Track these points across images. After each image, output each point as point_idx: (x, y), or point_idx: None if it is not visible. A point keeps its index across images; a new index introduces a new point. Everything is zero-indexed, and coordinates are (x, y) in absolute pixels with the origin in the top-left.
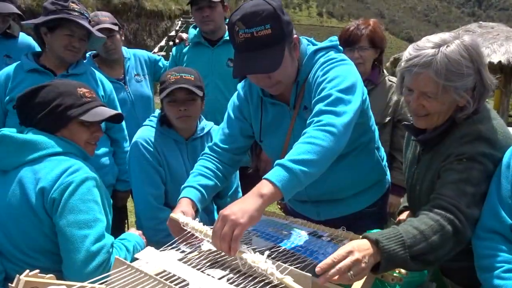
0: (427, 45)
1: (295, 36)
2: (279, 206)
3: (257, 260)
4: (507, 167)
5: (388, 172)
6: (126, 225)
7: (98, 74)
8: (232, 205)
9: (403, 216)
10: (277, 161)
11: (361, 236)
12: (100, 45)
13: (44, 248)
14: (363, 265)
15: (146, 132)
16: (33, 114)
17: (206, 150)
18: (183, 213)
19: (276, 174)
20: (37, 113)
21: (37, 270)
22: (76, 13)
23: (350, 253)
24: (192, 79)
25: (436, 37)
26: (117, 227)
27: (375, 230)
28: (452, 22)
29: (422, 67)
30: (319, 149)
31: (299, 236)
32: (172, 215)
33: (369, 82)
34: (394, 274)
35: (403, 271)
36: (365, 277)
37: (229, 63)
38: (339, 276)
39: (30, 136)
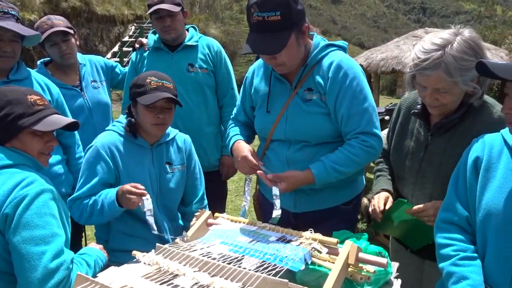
0: (432, 47)
1: (305, 24)
2: (255, 201)
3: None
4: (464, 164)
5: (364, 173)
6: (84, 238)
7: (42, 78)
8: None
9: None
10: (323, 159)
11: None
12: (55, 50)
13: None
14: None
15: (107, 137)
16: None
17: (230, 122)
18: (250, 152)
19: (319, 168)
20: None
21: None
22: None
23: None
24: (171, 87)
25: (438, 39)
26: (74, 241)
27: (341, 231)
28: (399, 28)
29: (432, 69)
30: (356, 166)
31: (268, 244)
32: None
33: None
34: (363, 273)
35: (371, 270)
36: (335, 278)
37: (189, 68)
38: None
39: None
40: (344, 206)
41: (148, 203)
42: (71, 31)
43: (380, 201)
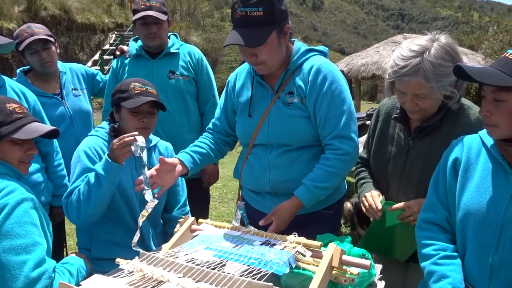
0: (410, 54)
1: (287, 25)
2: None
3: None
4: (444, 165)
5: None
6: (65, 249)
7: (18, 85)
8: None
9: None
10: (304, 181)
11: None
12: (36, 58)
13: None
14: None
15: (92, 141)
16: None
17: (209, 125)
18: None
19: (303, 192)
20: None
21: None
22: None
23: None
24: (155, 93)
25: (416, 45)
26: (56, 250)
27: (325, 235)
28: (379, 34)
29: (411, 75)
30: (337, 178)
31: (252, 248)
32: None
33: None
34: (347, 275)
35: (355, 272)
36: (319, 280)
37: (170, 75)
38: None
39: None
40: (326, 210)
41: (140, 138)
42: (52, 39)
43: (374, 198)
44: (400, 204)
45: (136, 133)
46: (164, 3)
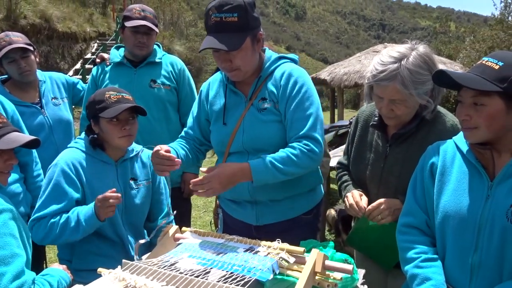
0: (389, 60)
1: (260, 32)
2: (215, 216)
3: None
4: (421, 170)
5: (322, 182)
6: (45, 262)
7: None
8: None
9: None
10: (262, 156)
11: None
12: (14, 67)
13: None
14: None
15: (70, 154)
16: None
17: (182, 133)
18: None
19: (257, 161)
20: None
21: None
22: None
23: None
24: (131, 99)
25: (395, 52)
26: (35, 262)
27: (308, 240)
28: (360, 43)
29: (389, 80)
30: (296, 167)
31: (236, 255)
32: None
33: None
34: (330, 280)
35: (337, 277)
36: (303, 286)
37: (151, 84)
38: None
39: None
40: (305, 216)
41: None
42: (31, 48)
43: (355, 197)
44: (373, 204)
45: (119, 195)
46: (155, 15)
